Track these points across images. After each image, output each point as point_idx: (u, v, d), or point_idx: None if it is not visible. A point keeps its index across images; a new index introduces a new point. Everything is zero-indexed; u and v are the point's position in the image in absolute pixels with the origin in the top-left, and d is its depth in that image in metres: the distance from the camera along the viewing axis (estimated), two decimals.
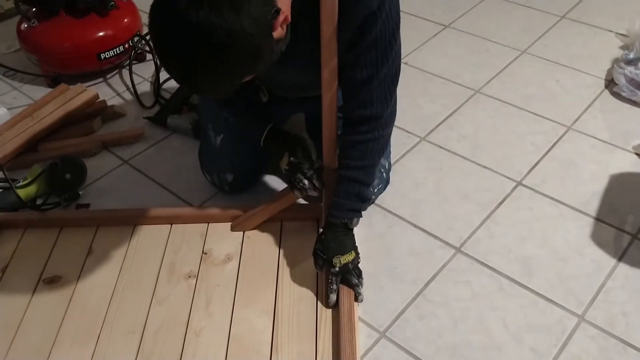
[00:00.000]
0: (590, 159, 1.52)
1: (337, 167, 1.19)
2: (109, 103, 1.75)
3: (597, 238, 1.32)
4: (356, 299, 1.16)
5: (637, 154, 1.52)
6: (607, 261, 1.27)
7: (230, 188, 1.41)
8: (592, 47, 1.92)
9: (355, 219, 1.21)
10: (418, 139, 1.60)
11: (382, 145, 1.18)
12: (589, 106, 1.69)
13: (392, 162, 1.47)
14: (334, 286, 1.16)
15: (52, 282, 1.25)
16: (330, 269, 1.16)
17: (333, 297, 1.16)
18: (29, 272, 1.27)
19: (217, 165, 1.40)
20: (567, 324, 1.16)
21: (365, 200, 1.21)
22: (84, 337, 1.15)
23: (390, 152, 1.44)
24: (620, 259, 1.28)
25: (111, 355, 1.12)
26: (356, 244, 1.21)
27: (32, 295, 1.23)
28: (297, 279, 1.24)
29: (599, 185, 1.45)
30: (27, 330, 1.17)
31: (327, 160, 1.21)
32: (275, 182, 1.47)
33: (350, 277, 1.16)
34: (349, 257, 1.17)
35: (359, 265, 1.20)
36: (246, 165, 1.40)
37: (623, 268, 1.26)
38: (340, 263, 1.16)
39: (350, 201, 1.18)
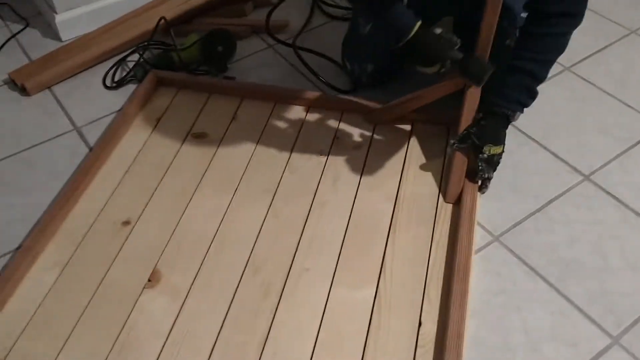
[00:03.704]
0: None
1: (512, 58, 1.19)
2: None
3: None
4: (480, 190, 1.19)
5: None
6: None
7: (368, 79, 1.45)
8: None
9: (518, 113, 1.21)
10: (562, 68, 1.55)
11: (564, 43, 1.18)
12: None
13: None
14: (484, 174, 1.18)
15: (199, 137, 1.38)
16: (479, 155, 1.19)
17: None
18: (180, 125, 1.41)
19: (361, 53, 1.44)
20: None
21: (533, 97, 1.22)
22: (224, 187, 1.27)
23: None
24: None
25: (245, 208, 1.23)
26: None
27: (181, 145, 1.37)
28: (421, 174, 1.28)
29: None
30: (175, 173, 1.31)
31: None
32: (411, 86, 1.49)
33: (490, 170, 1.19)
34: (498, 149, 1.19)
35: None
36: (388, 57, 1.40)
37: None
38: (490, 152, 1.18)
39: (519, 93, 1.19)
